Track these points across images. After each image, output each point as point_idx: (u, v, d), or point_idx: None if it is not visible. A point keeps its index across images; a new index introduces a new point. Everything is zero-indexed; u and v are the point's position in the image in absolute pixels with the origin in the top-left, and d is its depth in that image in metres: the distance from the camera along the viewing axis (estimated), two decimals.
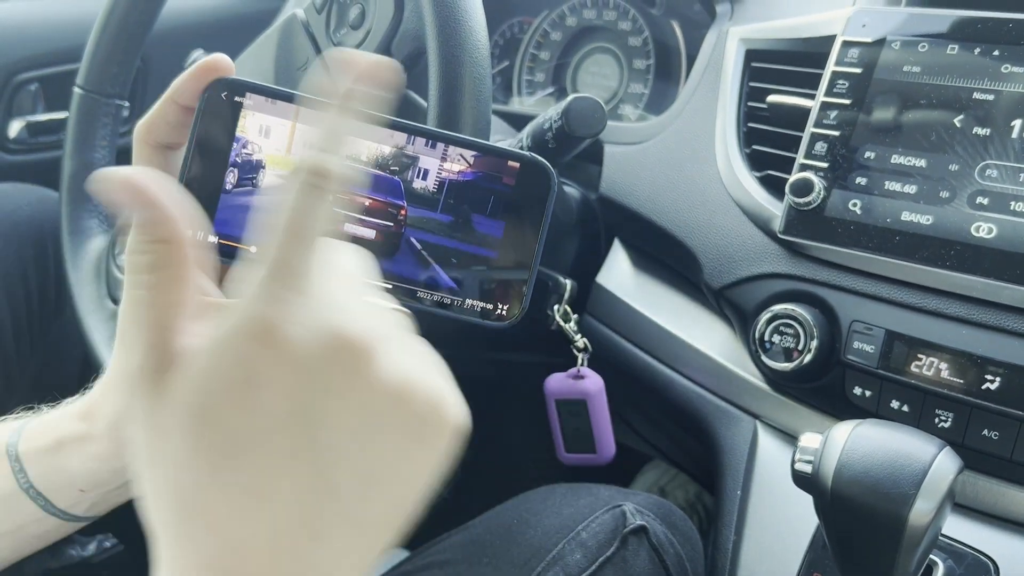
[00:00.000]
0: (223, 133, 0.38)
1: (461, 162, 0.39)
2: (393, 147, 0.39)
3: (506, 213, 0.39)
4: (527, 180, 0.39)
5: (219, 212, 0.38)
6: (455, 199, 0.39)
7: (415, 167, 0.39)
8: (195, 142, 0.38)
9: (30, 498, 0.43)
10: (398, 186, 0.39)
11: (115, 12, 0.77)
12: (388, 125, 0.39)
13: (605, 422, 0.70)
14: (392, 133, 0.39)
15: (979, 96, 0.56)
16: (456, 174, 0.39)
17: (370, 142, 0.39)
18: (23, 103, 1.11)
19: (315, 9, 0.64)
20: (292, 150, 0.38)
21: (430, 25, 0.52)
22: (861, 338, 0.58)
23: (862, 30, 0.62)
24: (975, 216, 0.54)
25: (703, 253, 0.68)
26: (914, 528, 0.43)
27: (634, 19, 0.93)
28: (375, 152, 0.39)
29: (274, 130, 0.38)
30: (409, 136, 0.39)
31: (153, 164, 0.39)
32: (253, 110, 0.38)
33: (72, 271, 0.78)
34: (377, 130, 0.39)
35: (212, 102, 0.38)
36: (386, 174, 0.39)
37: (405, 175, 0.39)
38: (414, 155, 0.39)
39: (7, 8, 1.17)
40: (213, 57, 0.38)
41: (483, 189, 0.39)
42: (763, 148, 0.67)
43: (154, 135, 0.39)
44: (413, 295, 0.39)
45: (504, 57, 1.01)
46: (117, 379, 0.42)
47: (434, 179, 0.39)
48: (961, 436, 0.54)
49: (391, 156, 0.39)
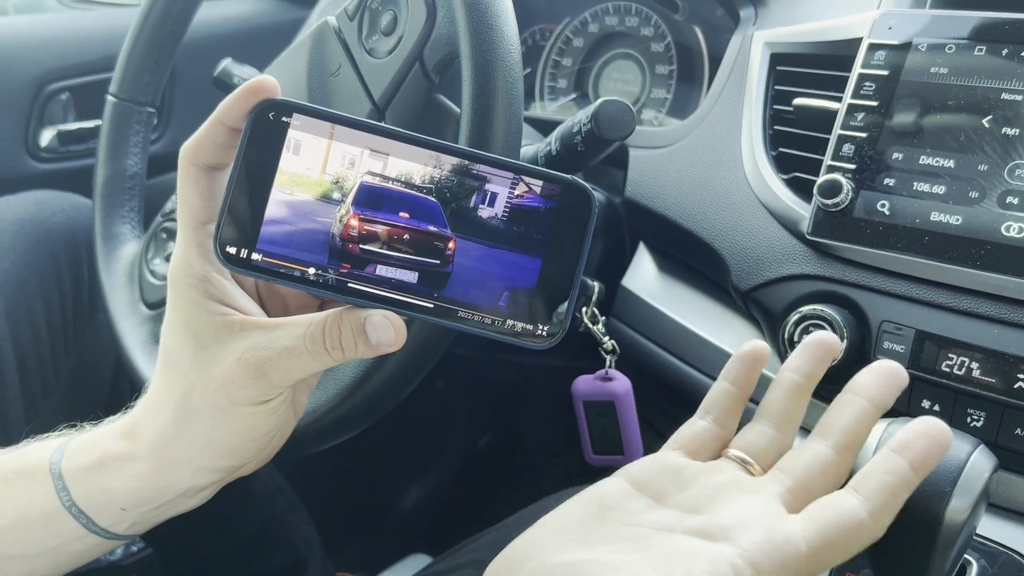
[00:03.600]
0: (269, 154, 0.38)
1: (502, 183, 0.39)
2: (434, 169, 0.39)
3: (546, 235, 0.39)
4: (568, 203, 0.39)
5: (263, 230, 0.39)
6: (495, 220, 0.39)
7: (455, 189, 0.39)
8: (241, 162, 0.38)
9: (72, 516, 0.43)
10: (438, 211, 0.39)
11: (148, 21, 0.79)
12: (425, 145, 0.39)
13: (633, 423, 0.70)
14: (436, 155, 0.39)
15: (1007, 96, 0.56)
16: (496, 196, 0.39)
17: (410, 163, 0.39)
18: (54, 112, 1.13)
19: (347, 16, 0.65)
20: (327, 169, 0.39)
21: (463, 30, 0.53)
22: (891, 338, 0.58)
23: (888, 32, 0.62)
24: (1005, 216, 0.55)
25: (730, 255, 0.68)
26: (950, 526, 0.43)
27: (656, 25, 0.94)
28: (414, 174, 0.39)
29: (307, 147, 0.38)
30: (443, 156, 0.39)
31: (199, 185, 0.40)
32: (300, 130, 0.38)
33: (105, 276, 0.80)
34: (416, 152, 0.39)
35: (259, 123, 0.38)
36: (425, 196, 0.39)
37: (444, 197, 0.39)
38: (452, 176, 0.39)
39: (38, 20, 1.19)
40: (260, 78, 0.38)
41: (524, 211, 0.39)
42: (789, 150, 0.68)
43: (201, 156, 0.40)
44: (455, 315, 0.39)
45: (526, 64, 1.02)
46: (158, 398, 0.43)
47: (476, 201, 0.39)
48: (994, 435, 0.54)
49: (430, 179, 0.39)
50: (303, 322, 0.40)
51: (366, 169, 0.39)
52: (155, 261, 0.77)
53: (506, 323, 0.39)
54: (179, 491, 0.43)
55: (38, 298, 0.85)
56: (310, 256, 0.39)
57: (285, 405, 0.43)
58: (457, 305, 0.39)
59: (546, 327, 0.40)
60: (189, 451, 0.42)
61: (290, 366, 0.40)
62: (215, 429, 0.41)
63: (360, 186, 0.39)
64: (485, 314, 0.39)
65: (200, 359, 0.40)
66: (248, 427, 0.41)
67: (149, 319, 0.76)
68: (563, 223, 0.39)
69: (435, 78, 0.60)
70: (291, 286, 0.39)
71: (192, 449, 0.42)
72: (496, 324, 0.39)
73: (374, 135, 0.39)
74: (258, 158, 0.38)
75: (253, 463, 0.45)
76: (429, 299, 0.39)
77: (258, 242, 0.38)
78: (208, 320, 0.40)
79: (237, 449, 0.42)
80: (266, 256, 0.38)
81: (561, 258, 0.39)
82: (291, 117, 0.38)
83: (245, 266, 0.38)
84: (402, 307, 0.39)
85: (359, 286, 0.39)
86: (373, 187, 0.39)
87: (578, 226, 0.39)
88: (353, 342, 0.39)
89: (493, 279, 0.39)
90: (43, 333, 0.84)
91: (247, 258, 0.38)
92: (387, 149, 0.39)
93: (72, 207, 0.92)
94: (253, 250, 0.38)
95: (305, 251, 0.39)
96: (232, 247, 0.38)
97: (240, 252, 0.38)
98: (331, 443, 0.61)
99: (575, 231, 0.39)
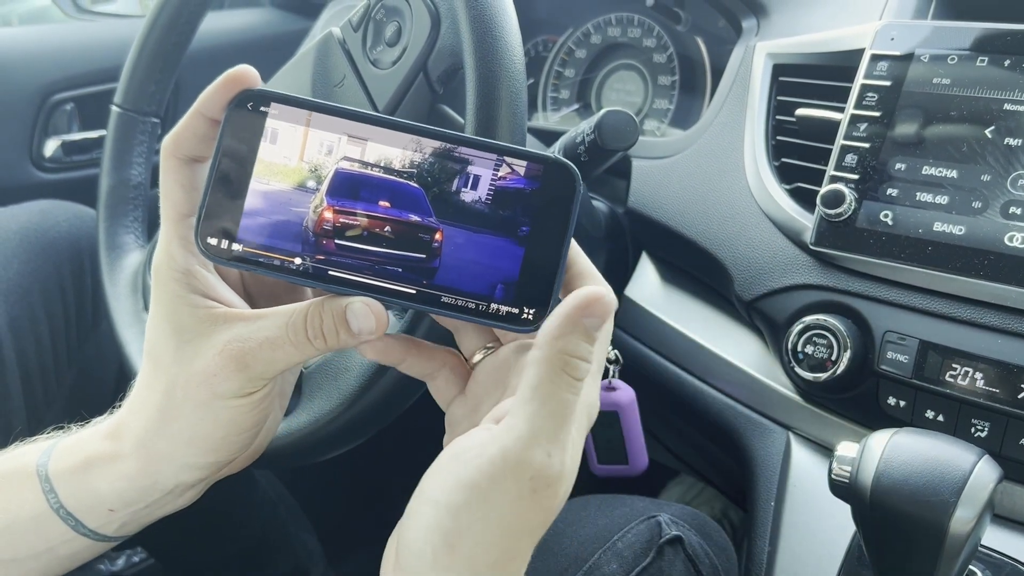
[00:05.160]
0: (248, 144, 0.38)
1: (485, 165, 0.39)
2: (415, 153, 0.38)
3: (531, 216, 0.38)
4: (552, 182, 0.38)
5: (242, 221, 0.38)
6: (479, 203, 0.39)
7: (436, 173, 0.38)
8: (220, 153, 0.38)
9: (60, 518, 0.43)
10: (421, 197, 0.39)
11: (152, 32, 0.79)
12: (406, 130, 0.38)
13: (637, 433, 0.70)
14: (416, 139, 0.38)
15: (1010, 107, 0.56)
16: (480, 178, 0.39)
17: (389, 148, 0.38)
18: (58, 123, 1.13)
19: (351, 27, 0.65)
20: (304, 157, 0.38)
21: (467, 41, 0.53)
22: (894, 348, 0.58)
23: (890, 43, 0.62)
24: (1008, 226, 0.55)
25: (734, 265, 0.68)
26: (955, 537, 0.43)
27: (659, 36, 0.94)
28: (393, 159, 0.38)
29: (285, 136, 0.38)
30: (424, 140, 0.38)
31: (181, 177, 0.40)
32: (278, 119, 0.38)
33: (109, 286, 0.80)
34: (395, 136, 0.38)
35: (237, 113, 0.38)
36: (407, 182, 0.38)
37: (426, 182, 0.38)
38: (434, 160, 0.38)
39: (43, 31, 1.20)
40: (238, 69, 0.38)
41: (508, 192, 0.39)
42: (792, 161, 0.68)
43: (182, 148, 0.39)
44: (438, 300, 0.39)
45: (530, 74, 1.02)
46: (142, 395, 0.42)
47: (459, 185, 0.39)
48: (998, 446, 0.54)
49: (411, 164, 0.38)
50: (285, 312, 0.40)
51: (343, 155, 0.38)
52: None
53: (490, 307, 0.39)
54: (166, 489, 0.43)
55: (42, 307, 0.85)
56: (291, 246, 0.38)
57: (270, 398, 0.42)
58: (441, 291, 0.39)
59: (532, 310, 0.39)
60: (173, 447, 0.41)
61: (273, 357, 0.39)
62: (199, 423, 0.41)
63: (336, 173, 0.38)
64: (469, 299, 0.39)
65: (183, 353, 0.40)
66: (232, 421, 0.41)
67: None
68: (548, 203, 0.38)
69: (439, 89, 0.60)
70: (273, 275, 0.39)
71: (176, 444, 0.41)
72: (480, 308, 0.39)
73: (351, 121, 0.38)
74: (237, 148, 0.38)
75: (240, 459, 0.45)
76: (412, 285, 0.39)
77: (239, 233, 0.38)
78: (190, 313, 0.40)
79: (222, 444, 0.42)
80: (247, 247, 0.38)
81: (547, 239, 0.38)
82: (269, 106, 0.38)
83: (226, 257, 0.38)
84: (384, 294, 0.39)
85: (340, 273, 0.38)
86: (350, 174, 0.38)
87: (563, 206, 0.38)
88: (335, 330, 0.39)
89: (478, 264, 0.39)
90: (46, 342, 0.84)
91: (228, 248, 0.38)
92: (366, 135, 0.38)
93: (76, 217, 0.92)
94: (234, 241, 0.38)
95: (286, 241, 0.38)
96: (213, 238, 0.38)
97: (221, 243, 0.38)
98: (334, 453, 0.61)
99: (560, 211, 0.38)
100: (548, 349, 0.34)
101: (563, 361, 0.34)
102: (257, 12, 1.35)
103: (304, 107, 0.38)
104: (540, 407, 0.34)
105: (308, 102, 0.38)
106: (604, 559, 0.55)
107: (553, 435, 0.34)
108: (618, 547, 0.56)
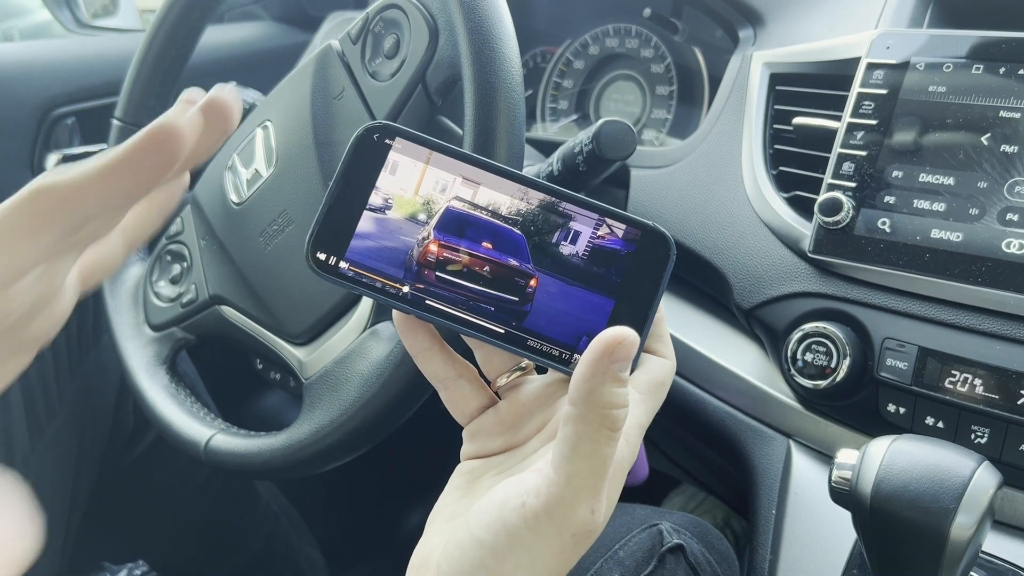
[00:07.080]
0: (368, 171, 0.40)
1: (586, 223, 0.40)
2: (521, 202, 0.40)
3: (624, 276, 0.40)
4: (647, 247, 0.40)
5: (352, 242, 0.40)
6: (576, 257, 0.40)
7: (540, 224, 0.40)
8: (342, 176, 0.40)
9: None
10: (522, 243, 0.40)
11: (153, 46, 0.80)
12: (518, 180, 0.40)
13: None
14: (524, 190, 0.40)
15: (1006, 114, 0.57)
16: (580, 234, 0.40)
17: (498, 194, 0.40)
18: (59, 137, 1.13)
19: (350, 40, 0.65)
20: (419, 191, 0.40)
21: (465, 53, 0.53)
22: (894, 355, 0.58)
23: (886, 52, 0.63)
24: (1005, 232, 0.55)
25: (733, 274, 0.69)
26: (955, 543, 0.43)
27: (656, 46, 0.95)
28: (501, 205, 0.40)
29: (404, 169, 0.40)
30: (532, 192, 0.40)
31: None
32: (400, 153, 0.40)
33: (110, 298, 0.80)
34: (506, 184, 0.40)
35: (363, 142, 0.40)
36: (511, 228, 0.40)
37: (528, 230, 0.40)
38: (538, 211, 0.40)
39: (43, 46, 1.20)
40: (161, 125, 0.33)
41: (604, 251, 0.40)
42: (790, 169, 0.68)
43: None
44: (524, 343, 0.40)
45: (528, 85, 1.03)
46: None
47: (559, 237, 0.40)
48: (998, 452, 0.54)
49: (517, 211, 0.40)
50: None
51: (454, 195, 0.40)
52: (159, 283, 0.78)
53: (573, 356, 0.40)
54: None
55: None
56: (394, 271, 0.40)
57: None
58: (528, 334, 0.40)
59: None
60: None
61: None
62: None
63: (446, 210, 0.40)
64: (554, 346, 0.40)
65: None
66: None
67: (153, 341, 0.76)
68: (640, 267, 0.40)
69: (438, 100, 0.61)
70: (372, 296, 0.40)
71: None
72: (563, 356, 0.40)
73: (468, 164, 0.40)
74: (357, 174, 0.40)
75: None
76: (502, 325, 0.40)
77: (347, 252, 0.40)
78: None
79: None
80: (352, 266, 0.40)
81: (634, 301, 0.40)
82: (394, 140, 0.40)
83: (333, 273, 0.40)
84: (475, 328, 0.40)
85: (436, 304, 0.40)
86: (459, 213, 0.40)
87: (656, 271, 0.40)
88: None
89: (567, 315, 0.40)
90: (47, 354, 0.85)
91: (335, 265, 0.40)
92: (479, 179, 0.40)
93: None
94: (341, 259, 0.40)
95: (390, 266, 0.40)
96: (323, 253, 0.40)
97: (329, 259, 0.40)
98: (334, 464, 0.61)
99: (651, 276, 0.40)
100: (583, 407, 0.34)
101: (601, 416, 0.34)
102: (256, 25, 1.36)
103: (427, 146, 0.40)
104: (583, 466, 0.34)
105: (432, 142, 0.40)
106: (606, 568, 0.55)
107: (595, 492, 0.34)
108: (620, 555, 0.56)
